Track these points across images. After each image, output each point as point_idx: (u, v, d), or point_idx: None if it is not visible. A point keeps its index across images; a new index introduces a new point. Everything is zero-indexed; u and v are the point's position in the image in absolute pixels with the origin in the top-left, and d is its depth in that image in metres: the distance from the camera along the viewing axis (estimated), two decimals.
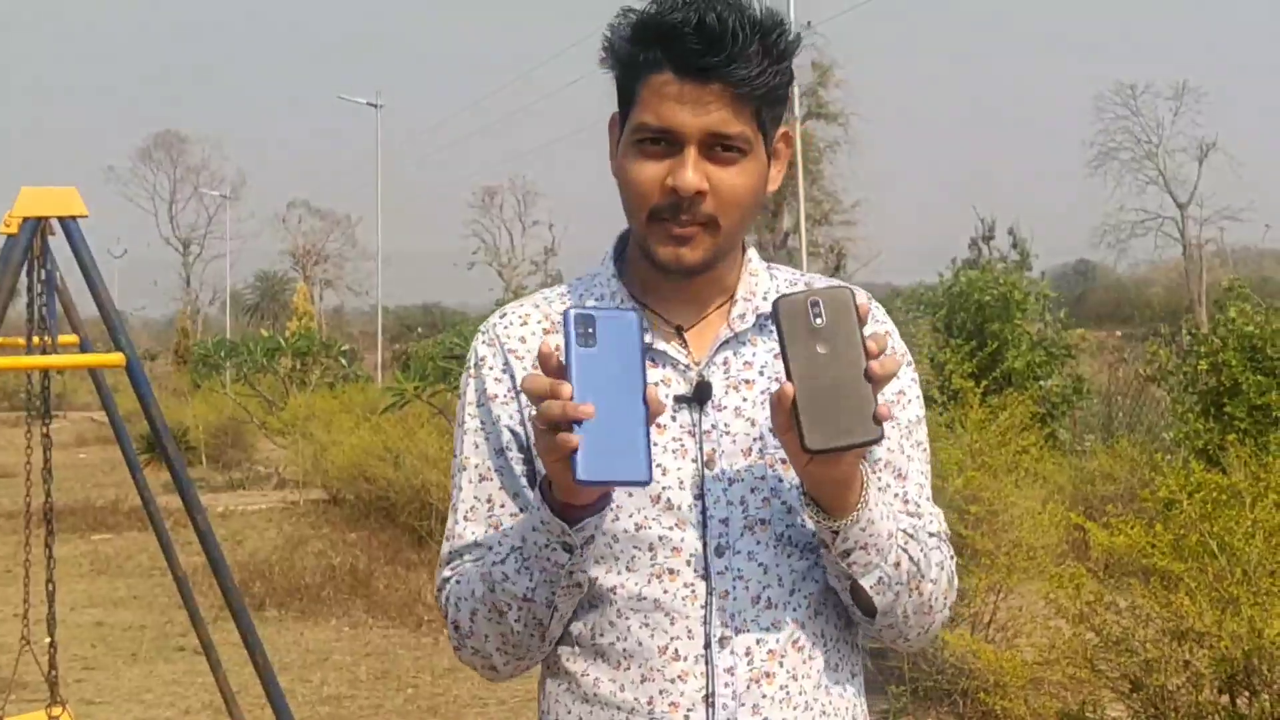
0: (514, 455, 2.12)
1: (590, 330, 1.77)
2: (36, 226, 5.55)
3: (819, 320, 1.80)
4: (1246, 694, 5.53)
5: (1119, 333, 43.66)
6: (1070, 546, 8.76)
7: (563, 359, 1.76)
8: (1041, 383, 15.41)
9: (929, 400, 9.10)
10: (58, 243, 5.71)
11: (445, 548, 2.18)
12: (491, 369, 2.16)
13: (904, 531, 2.04)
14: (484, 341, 2.19)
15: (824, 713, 2.06)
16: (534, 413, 1.78)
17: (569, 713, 2.09)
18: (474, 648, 2.11)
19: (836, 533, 1.92)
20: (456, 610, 2.10)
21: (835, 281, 2.05)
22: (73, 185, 5.57)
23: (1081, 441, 15.77)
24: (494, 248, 76.24)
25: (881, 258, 48.61)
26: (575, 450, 1.73)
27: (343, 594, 11.98)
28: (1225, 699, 5.63)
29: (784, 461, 2.02)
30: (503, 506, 2.12)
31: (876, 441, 1.80)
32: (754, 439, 2.04)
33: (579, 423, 1.72)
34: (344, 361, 29.44)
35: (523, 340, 2.16)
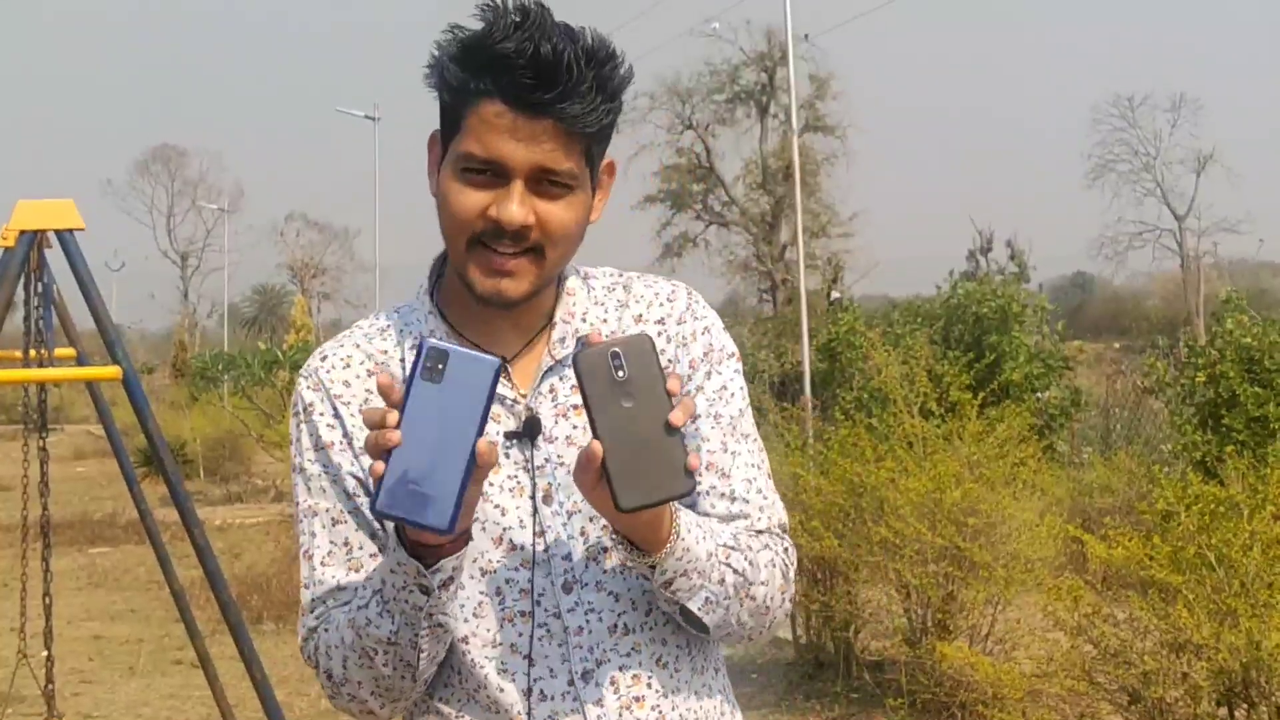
0: (362, 500, 2.05)
1: (440, 366, 1.72)
2: (33, 240, 5.55)
3: (621, 373, 1.77)
4: (1245, 706, 5.53)
5: (1117, 345, 43.72)
6: (1068, 559, 8.75)
7: (405, 390, 1.73)
8: (1039, 395, 15.44)
9: (926, 412, 9.11)
10: (55, 256, 5.71)
11: (305, 595, 2.09)
12: (322, 415, 2.09)
13: (724, 546, 1.99)
14: (308, 387, 2.12)
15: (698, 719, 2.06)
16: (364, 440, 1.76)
17: None
18: (349, 694, 2.03)
19: (654, 567, 1.89)
20: (328, 659, 2.03)
21: (631, 331, 2.04)
22: (70, 198, 5.57)
23: (1079, 454, 15.77)
24: None
25: (879, 269, 48.53)
26: (380, 477, 1.70)
27: None
28: (1224, 711, 5.63)
29: None
30: (361, 548, 2.06)
31: (688, 494, 1.78)
32: None
33: (394, 452, 1.69)
34: None
35: (346, 384, 2.09)
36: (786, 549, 2.14)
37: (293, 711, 8.50)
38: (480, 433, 1.72)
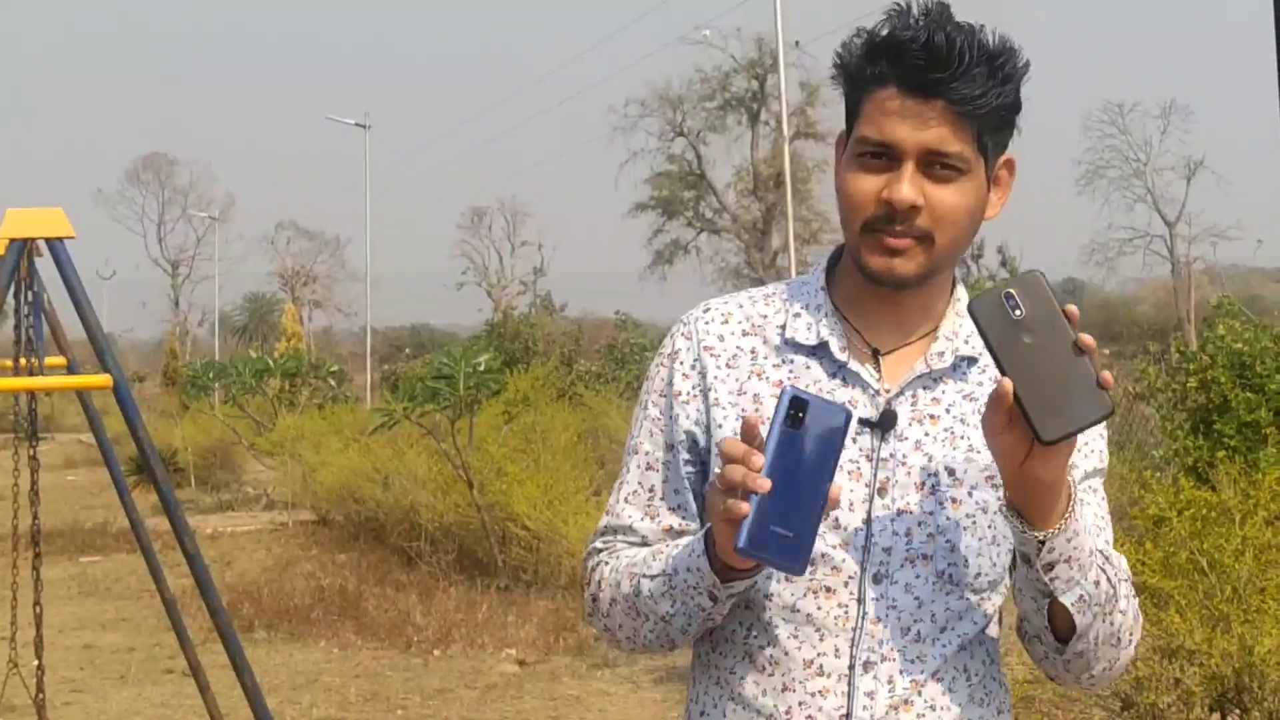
0: (684, 456, 2.15)
1: (801, 415, 1.79)
2: (23, 248, 5.54)
3: (1018, 312, 1.78)
4: (1237, 712, 5.52)
5: (1108, 350, 43.73)
6: None
7: (765, 431, 1.80)
8: None
9: None
10: (45, 264, 5.70)
11: (603, 520, 2.24)
12: (682, 364, 2.18)
13: (1101, 551, 2.01)
14: (682, 334, 2.21)
15: None
16: (719, 471, 1.82)
17: (714, 706, 2.11)
18: (605, 625, 2.18)
19: (1042, 544, 1.88)
20: (599, 589, 2.16)
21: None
22: (60, 207, 5.56)
23: None
24: (483, 268, 76.15)
25: None
26: (742, 518, 1.76)
27: (332, 615, 11.95)
28: (1216, 717, 5.62)
29: (954, 500, 2.04)
30: (663, 499, 2.17)
31: (1111, 414, 1.79)
32: (929, 474, 2.05)
33: (754, 494, 1.76)
34: (333, 382, 29.43)
35: (720, 339, 2.17)
36: (1134, 596, 2.12)
37: None
38: (832, 478, 1.79)
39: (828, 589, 2.02)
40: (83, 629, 11.96)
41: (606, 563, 2.17)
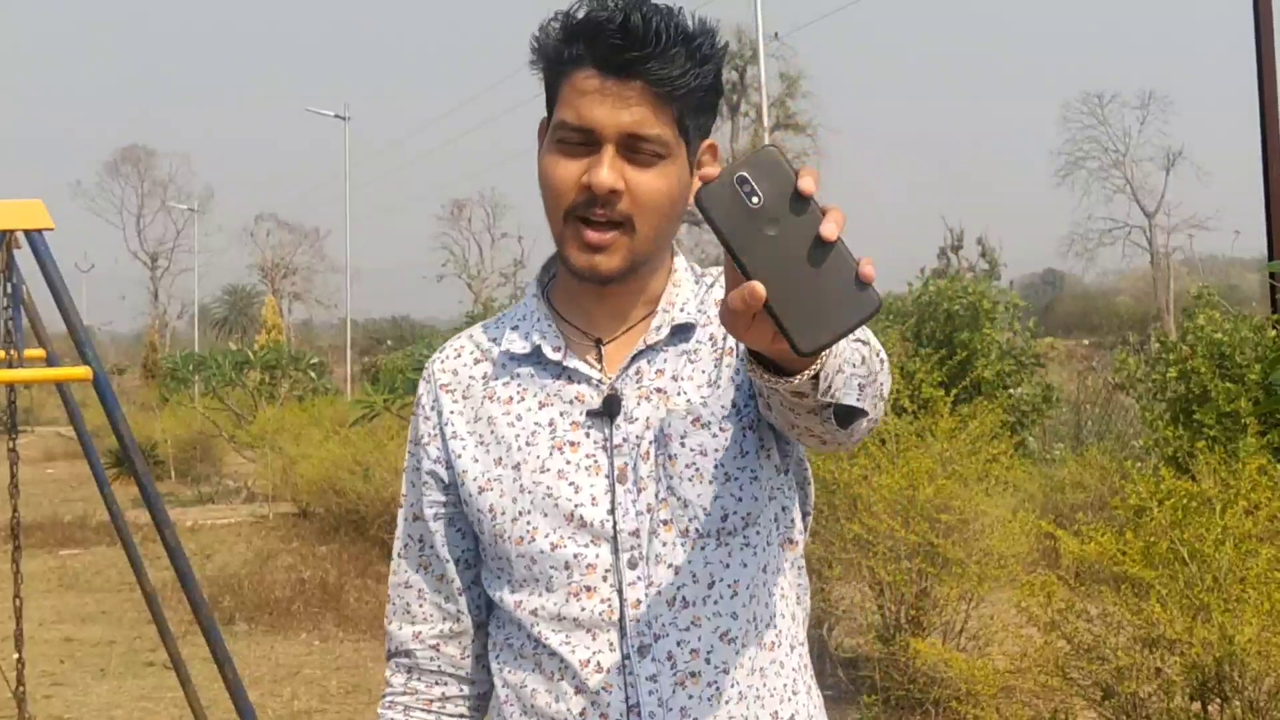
0: (438, 497, 2.20)
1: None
2: (2, 240, 5.51)
3: (755, 199, 1.51)
4: (1218, 701, 5.54)
5: (1087, 341, 43.87)
6: (1041, 554, 8.77)
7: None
8: (1011, 391, 15.45)
9: (899, 409, 9.12)
10: (24, 256, 5.67)
11: (390, 582, 2.29)
12: (423, 408, 2.22)
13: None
14: (424, 379, 2.25)
15: (759, 697, 2.05)
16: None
17: None
18: None
19: (816, 378, 1.69)
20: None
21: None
22: (38, 199, 5.53)
23: (1051, 450, 15.81)
24: (463, 260, 76.05)
25: None
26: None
27: (313, 607, 11.94)
28: (1197, 706, 5.64)
29: (671, 458, 2.01)
30: (432, 548, 2.21)
31: (874, 312, 1.51)
32: (649, 442, 2.03)
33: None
34: (313, 375, 29.36)
35: (454, 373, 2.20)
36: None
37: (266, 713, 8.47)
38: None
39: (588, 588, 2.02)
40: (63, 622, 11.93)
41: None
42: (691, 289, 2.16)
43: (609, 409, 2.04)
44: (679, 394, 2.05)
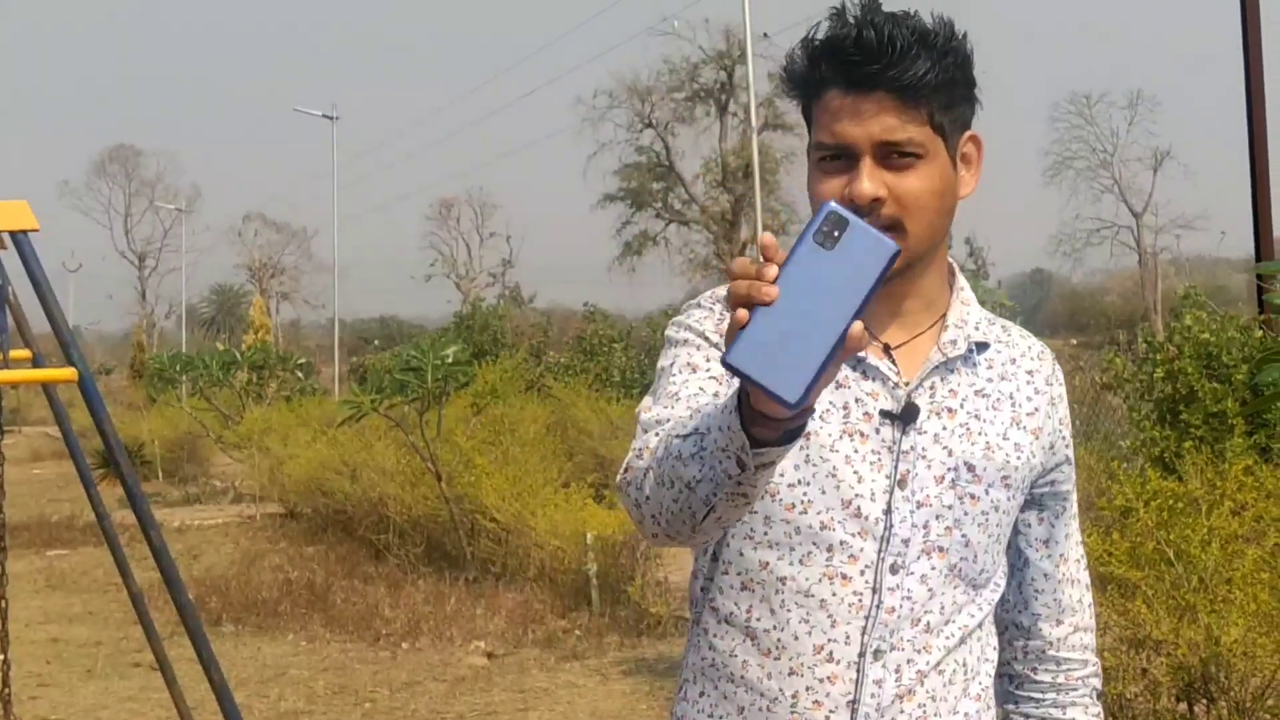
0: (706, 370, 2.11)
1: (836, 234, 1.57)
2: None
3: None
4: (1204, 701, 5.55)
5: (1075, 341, 43.90)
6: None
7: (791, 249, 1.59)
8: None
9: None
10: (9, 257, 5.66)
11: (642, 420, 2.09)
12: (712, 314, 2.16)
13: None
14: (709, 300, 2.19)
15: None
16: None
17: (714, 687, 2.13)
18: (635, 500, 1.98)
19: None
20: (638, 458, 1.99)
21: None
22: (24, 199, 5.52)
23: None
24: (451, 260, 76.00)
25: None
26: (740, 329, 1.56)
27: (300, 608, 11.92)
28: (1183, 707, 5.65)
29: (973, 497, 2.08)
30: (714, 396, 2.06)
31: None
32: (949, 469, 2.07)
33: (760, 308, 1.56)
34: (300, 375, 29.38)
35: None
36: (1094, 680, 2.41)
37: (252, 714, 8.47)
38: (859, 314, 1.55)
39: (844, 576, 2.04)
40: (49, 623, 11.91)
41: (657, 435, 2.00)
42: (978, 311, 2.20)
43: (906, 415, 2.07)
44: (980, 434, 2.10)
